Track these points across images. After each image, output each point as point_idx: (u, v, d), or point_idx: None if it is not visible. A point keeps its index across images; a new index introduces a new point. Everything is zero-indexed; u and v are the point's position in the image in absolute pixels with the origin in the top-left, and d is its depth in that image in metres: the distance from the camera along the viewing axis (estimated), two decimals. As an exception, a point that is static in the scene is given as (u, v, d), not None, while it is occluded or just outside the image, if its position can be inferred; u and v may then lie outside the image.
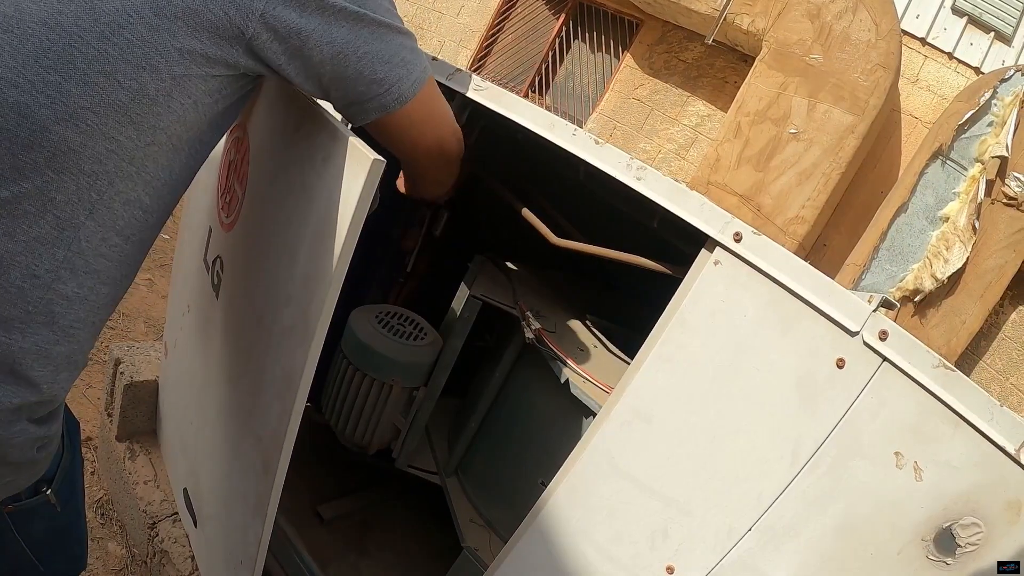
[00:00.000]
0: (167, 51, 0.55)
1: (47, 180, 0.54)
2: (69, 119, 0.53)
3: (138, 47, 0.54)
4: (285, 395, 0.79)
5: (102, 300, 0.64)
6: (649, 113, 3.80)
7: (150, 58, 0.54)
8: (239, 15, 0.57)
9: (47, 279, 0.57)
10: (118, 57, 0.53)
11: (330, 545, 1.41)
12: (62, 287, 0.58)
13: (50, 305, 0.58)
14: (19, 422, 0.60)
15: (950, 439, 0.67)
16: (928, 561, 0.69)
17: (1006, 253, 2.29)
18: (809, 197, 2.73)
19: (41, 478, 0.68)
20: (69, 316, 0.60)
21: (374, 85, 0.67)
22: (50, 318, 0.58)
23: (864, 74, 2.63)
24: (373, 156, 0.64)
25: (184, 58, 0.56)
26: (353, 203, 0.65)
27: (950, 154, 2.42)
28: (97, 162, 0.56)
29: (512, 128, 0.91)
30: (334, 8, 0.61)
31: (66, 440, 0.73)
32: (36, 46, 0.51)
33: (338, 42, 0.63)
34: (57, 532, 0.75)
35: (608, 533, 0.82)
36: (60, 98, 0.52)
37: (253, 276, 0.88)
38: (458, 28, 4.65)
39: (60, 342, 0.60)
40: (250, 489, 0.92)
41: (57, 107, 0.52)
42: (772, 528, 0.72)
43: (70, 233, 0.57)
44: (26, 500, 0.67)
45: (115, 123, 0.55)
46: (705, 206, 0.72)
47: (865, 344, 0.67)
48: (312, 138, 0.75)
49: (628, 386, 0.78)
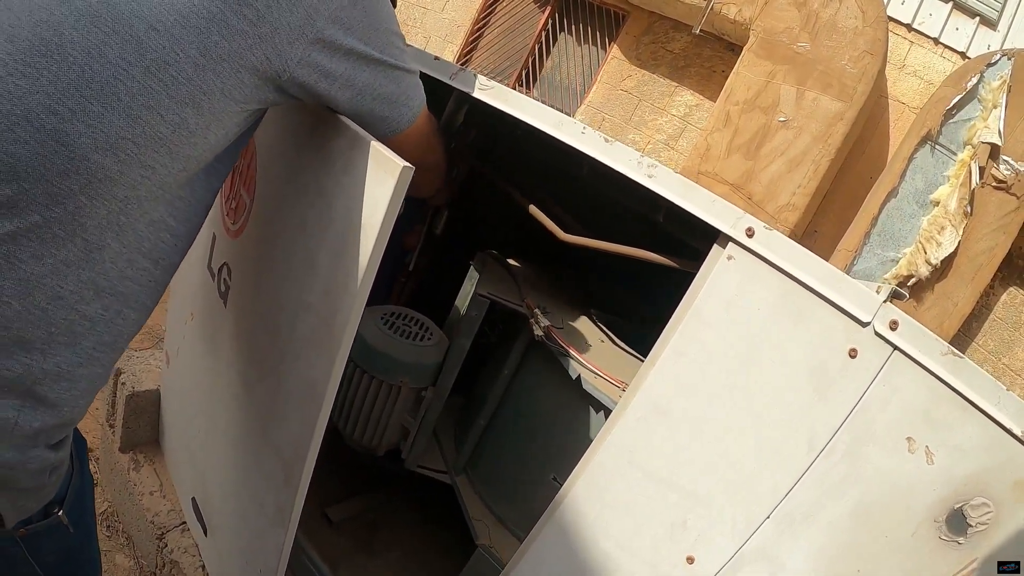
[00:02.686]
0: (211, 90, 0.57)
1: (79, 206, 0.55)
2: (109, 148, 0.54)
3: (183, 85, 0.55)
4: (307, 404, 0.79)
5: (128, 326, 0.64)
6: (637, 104, 3.81)
7: (194, 96, 0.56)
8: (279, 60, 0.60)
9: (71, 300, 0.57)
10: (162, 92, 0.54)
11: (339, 547, 1.42)
12: (85, 308, 0.59)
13: (72, 326, 0.58)
14: (36, 448, 0.60)
15: (959, 423, 0.68)
16: (941, 541, 0.71)
17: (996, 235, 2.33)
18: (799, 184, 2.75)
19: (52, 500, 0.67)
20: (92, 338, 0.60)
21: (380, 122, 0.74)
22: (72, 339, 0.59)
23: (851, 61, 2.65)
24: (402, 163, 0.64)
25: (225, 97, 0.59)
26: (382, 209, 0.66)
27: (939, 139, 2.45)
28: (131, 188, 0.57)
29: (511, 124, 0.91)
30: (359, 54, 0.67)
31: (75, 460, 0.72)
32: (78, 75, 0.52)
33: (359, 85, 0.69)
34: (70, 554, 0.75)
35: (627, 527, 0.83)
36: (101, 128, 0.53)
37: (266, 282, 0.87)
38: (443, 23, 4.62)
39: (83, 364, 0.60)
40: (268, 499, 0.91)
41: (98, 136, 0.53)
42: (789, 515, 0.74)
43: (96, 255, 0.58)
44: (37, 523, 0.66)
45: (153, 153, 0.57)
46: (716, 202, 0.73)
47: (876, 334, 0.69)
48: (328, 144, 0.75)
49: (644, 381, 0.79)
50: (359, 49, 0.66)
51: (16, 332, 0.55)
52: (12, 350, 0.55)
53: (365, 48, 0.67)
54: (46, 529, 0.68)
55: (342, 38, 0.64)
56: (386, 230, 0.68)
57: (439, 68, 0.97)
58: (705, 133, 2.97)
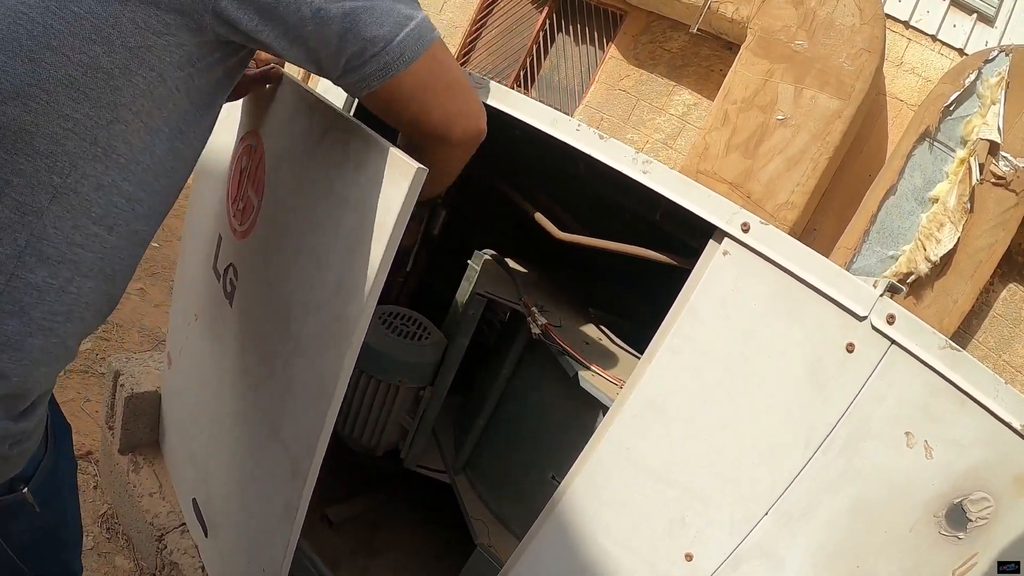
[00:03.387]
0: (119, 22, 0.52)
1: (1, 161, 0.52)
2: (16, 97, 0.51)
3: (86, 20, 0.51)
4: (317, 402, 0.79)
5: (87, 295, 0.61)
6: (635, 104, 3.81)
7: (100, 30, 0.52)
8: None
9: (9, 266, 0.54)
10: (65, 31, 0.51)
11: (340, 548, 1.42)
12: (28, 275, 0.56)
13: (15, 293, 0.55)
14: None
15: (958, 417, 0.68)
16: (940, 537, 0.71)
17: (995, 232, 2.33)
18: (798, 183, 2.75)
19: (17, 476, 0.65)
20: (42, 307, 0.57)
21: (368, 44, 0.60)
22: (18, 307, 0.56)
23: (849, 59, 2.66)
24: (416, 165, 0.64)
25: (139, 28, 0.53)
26: (395, 211, 0.66)
27: (937, 136, 2.45)
28: (53, 142, 0.53)
29: (509, 123, 0.91)
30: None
31: (50, 441, 0.70)
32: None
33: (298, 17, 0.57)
34: (41, 534, 0.72)
35: (625, 524, 0.83)
36: (5, 77, 0.50)
37: (274, 284, 0.88)
38: (441, 24, 4.62)
39: (33, 334, 0.57)
40: (274, 495, 0.91)
41: (3, 86, 0.50)
42: (788, 511, 0.74)
43: (32, 218, 0.54)
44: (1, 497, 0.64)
45: (68, 100, 0.52)
46: (712, 197, 0.73)
47: (873, 328, 0.69)
48: (340, 146, 0.75)
49: (641, 378, 0.79)
50: None
51: None
52: None
53: None
54: (9, 505, 0.66)
55: None
56: (399, 231, 0.68)
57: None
58: (703, 132, 2.98)
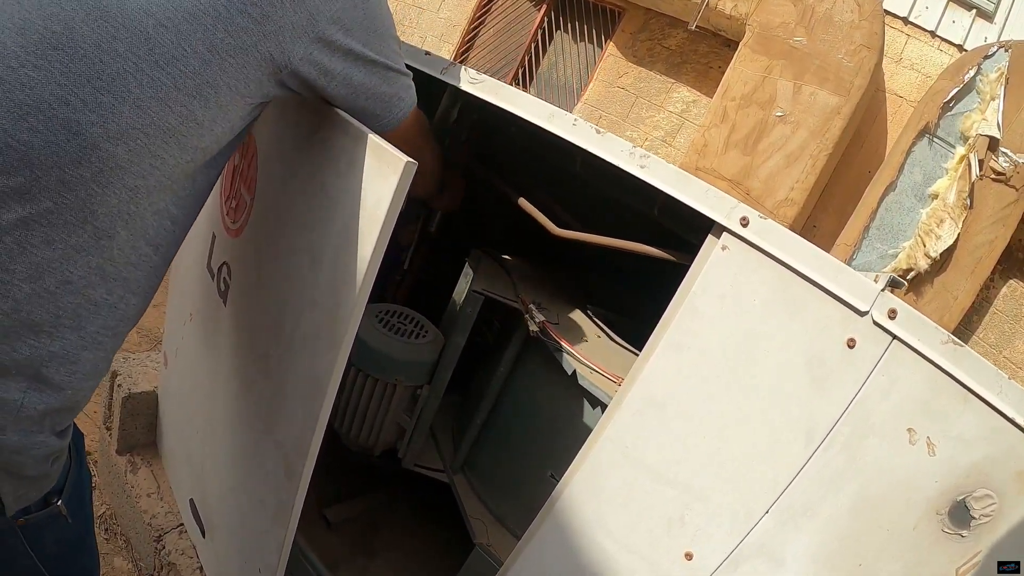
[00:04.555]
0: (217, 84, 0.60)
1: (91, 193, 0.57)
2: (120, 138, 0.56)
3: (190, 78, 0.58)
4: (311, 400, 0.79)
5: (130, 311, 0.67)
6: (634, 101, 3.80)
7: (200, 89, 0.59)
8: (282, 57, 0.64)
9: (79, 284, 0.59)
10: (171, 85, 0.57)
11: (338, 549, 1.41)
12: (92, 292, 0.61)
13: (79, 310, 0.60)
14: (41, 433, 0.62)
15: (961, 413, 0.67)
16: (943, 534, 0.70)
17: (996, 228, 2.32)
18: (798, 179, 2.74)
19: (51, 490, 0.68)
20: (96, 322, 0.63)
21: (371, 119, 0.77)
22: (78, 323, 0.61)
23: (848, 55, 2.64)
24: (405, 159, 0.65)
25: (231, 90, 0.62)
26: (385, 204, 0.66)
27: (936, 132, 2.44)
28: (139, 178, 0.59)
29: (506, 120, 0.90)
30: (357, 55, 0.70)
31: (73, 452, 0.73)
32: (89, 68, 0.54)
33: (355, 83, 0.72)
34: (68, 545, 0.75)
35: (624, 523, 0.82)
36: (112, 118, 0.55)
37: (267, 281, 0.87)
38: (439, 23, 4.61)
39: (87, 348, 0.63)
40: (269, 496, 0.91)
41: (109, 126, 0.55)
42: (789, 509, 0.73)
43: (106, 242, 0.60)
44: (36, 513, 0.68)
45: (162, 143, 0.59)
46: (710, 192, 0.72)
47: (875, 323, 0.68)
48: (331, 142, 0.75)
49: (639, 375, 0.78)
50: (357, 50, 0.70)
51: (25, 315, 0.57)
52: (21, 333, 0.57)
53: (363, 49, 0.70)
54: (45, 519, 0.69)
55: (342, 38, 0.68)
56: (389, 225, 0.68)
57: (429, 63, 0.96)
58: (702, 129, 2.97)
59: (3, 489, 0.61)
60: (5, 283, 0.55)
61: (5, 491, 0.61)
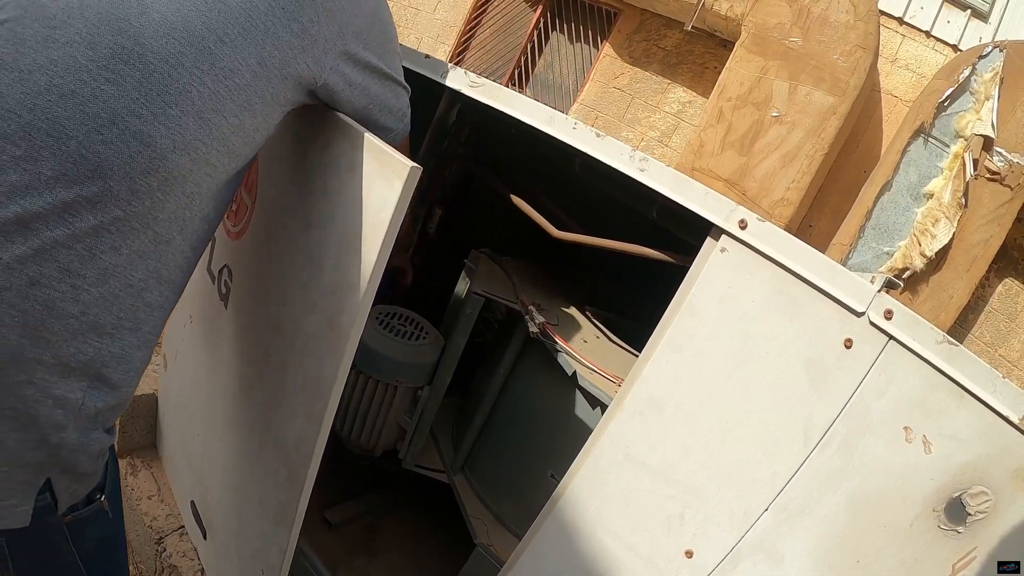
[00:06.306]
0: (264, 95, 0.64)
1: (155, 201, 0.60)
2: (184, 149, 0.60)
3: (243, 90, 0.62)
4: (312, 403, 0.79)
5: (170, 311, 0.71)
6: (630, 102, 3.81)
7: (250, 100, 0.63)
8: (317, 68, 0.68)
9: (139, 288, 0.63)
10: (227, 97, 0.61)
11: (339, 550, 1.41)
12: (148, 295, 0.65)
13: (137, 312, 0.64)
14: (96, 430, 0.65)
15: (956, 412, 0.68)
16: (940, 531, 0.71)
17: (991, 227, 2.33)
18: (794, 179, 2.75)
19: (95, 486, 0.71)
20: (150, 323, 0.66)
21: (382, 131, 0.81)
22: (136, 324, 0.64)
23: (844, 55, 2.66)
24: (410, 164, 0.65)
25: (274, 101, 0.66)
26: (390, 209, 0.67)
27: (932, 131, 2.45)
28: (197, 185, 0.63)
29: (505, 122, 0.90)
30: (374, 68, 0.75)
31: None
32: (159, 81, 0.57)
33: (372, 94, 0.77)
34: (106, 541, 0.77)
35: (624, 522, 0.83)
36: (179, 130, 0.59)
37: (269, 284, 0.88)
38: (435, 24, 4.62)
39: (141, 347, 0.66)
40: (269, 497, 0.91)
41: (176, 138, 0.59)
42: (787, 508, 0.74)
43: (164, 247, 0.64)
44: (82, 509, 0.69)
45: (217, 152, 0.63)
46: (709, 195, 0.73)
47: (871, 324, 0.69)
48: (333, 146, 0.76)
49: (639, 375, 0.79)
50: (375, 63, 0.74)
51: (92, 318, 0.60)
52: (87, 334, 0.60)
53: (379, 63, 0.75)
54: (90, 515, 0.71)
55: (363, 52, 0.72)
56: (394, 229, 0.69)
57: (429, 66, 0.97)
58: (698, 129, 2.98)
59: (59, 487, 0.63)
60: (76, 288, 0.58)
61: (60, 488, 0.63)
